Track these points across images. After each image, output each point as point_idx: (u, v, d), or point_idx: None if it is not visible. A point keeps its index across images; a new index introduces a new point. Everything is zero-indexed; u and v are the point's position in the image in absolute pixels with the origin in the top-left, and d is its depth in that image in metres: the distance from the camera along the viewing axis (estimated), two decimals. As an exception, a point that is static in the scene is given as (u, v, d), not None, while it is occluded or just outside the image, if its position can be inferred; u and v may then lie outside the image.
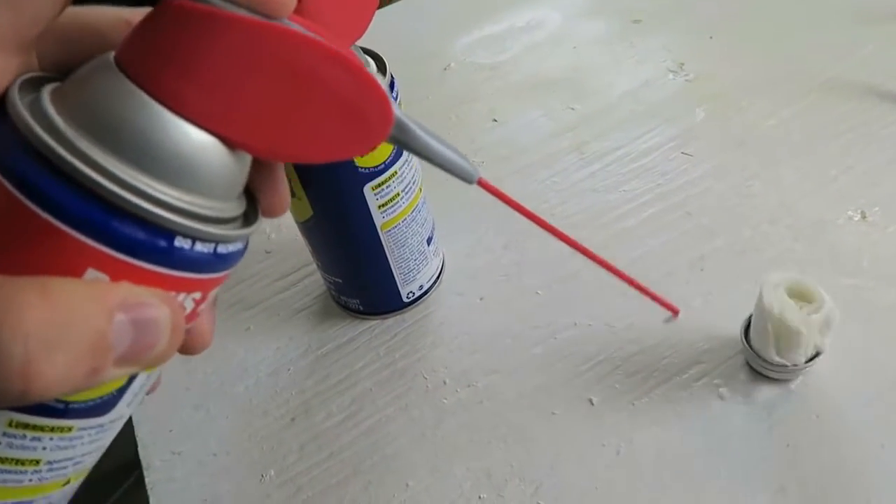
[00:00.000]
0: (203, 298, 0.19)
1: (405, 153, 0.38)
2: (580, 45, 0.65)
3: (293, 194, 0.38)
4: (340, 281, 0.44)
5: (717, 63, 0.59)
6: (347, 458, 0.39)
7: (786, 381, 0.37)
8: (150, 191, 0.16)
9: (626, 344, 0.41)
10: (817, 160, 0.49)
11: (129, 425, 0.43)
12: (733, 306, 0.39)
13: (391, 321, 0.45)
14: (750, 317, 0.38)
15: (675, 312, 0.41)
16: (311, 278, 0.49)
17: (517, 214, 0.55)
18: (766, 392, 0.37)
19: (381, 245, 0.40)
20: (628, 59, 0.62)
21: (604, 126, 0.56)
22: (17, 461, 0.18)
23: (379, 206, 0.38)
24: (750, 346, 0.37)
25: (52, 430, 0.18)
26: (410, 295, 0.45)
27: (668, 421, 0.37)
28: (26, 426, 0.17)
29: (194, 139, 0.17)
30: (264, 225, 0.54)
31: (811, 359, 0.36)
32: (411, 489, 0.37)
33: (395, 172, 0.38)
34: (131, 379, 0.19)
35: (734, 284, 0.42)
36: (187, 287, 0.18)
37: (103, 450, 0.20)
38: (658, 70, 0.60)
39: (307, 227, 0.41)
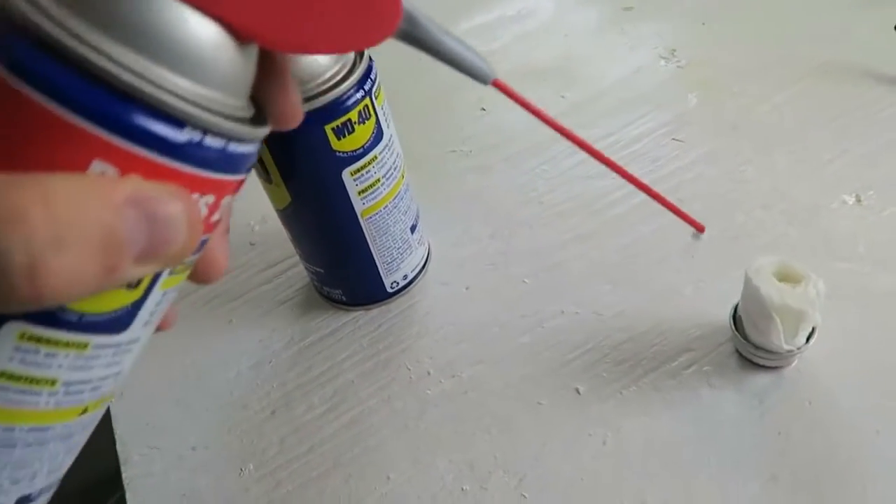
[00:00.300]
0: (216, 206, 0.18)
1: (385, 137, 0.37)
2: (571, 33, 0.64)
3: (270, 181, 0.37)
4: (322, 271, 0.43)
5: (710, 49, 0.58)
6: (328, 451, 0.38)
7: (778, 367, 0.36)
8: (156, 77, 0.16)
9: (614, 332, 0.40)
10: (811, 145, 0.48)
11: (108, 425, 0.42)
12: (725, 293, 0.38)
13: (375, 312, 0.44)
14: (737, 305, 0.37)
15: (701, 230, 0.39)
16: (294, 269, 0.48)
17: (504, 203, 0.53)
18: (756, 379, 0.36)
19: (363, 233, 0.39)
20: (620, 46, 0.61)
21: (595, 113, 0.55)
22: (32, 380, 0.17)
23: (359, 193, 0.37)
24: (739, 334, 0.36)
25: (68, 345, 0.17)
26: (395, 285, 0.44)
27: (656, 410, 0.36)
28: (39, 339, 0.16)
29: (198, 26, 0.17)
30: (248, 218, 0.54)
31: (808, 338, 0.35)
32: (392, 482, 0.36)
33: (375, 157, 0.37)
34: (146, 293, 0.18)
35: (726, 271, 0.41)
36: (200, 187, 0.17)
37: (120, 379, 0.20)
38: (650, 57, 0.59)
39: (286, 215, 0.40)
